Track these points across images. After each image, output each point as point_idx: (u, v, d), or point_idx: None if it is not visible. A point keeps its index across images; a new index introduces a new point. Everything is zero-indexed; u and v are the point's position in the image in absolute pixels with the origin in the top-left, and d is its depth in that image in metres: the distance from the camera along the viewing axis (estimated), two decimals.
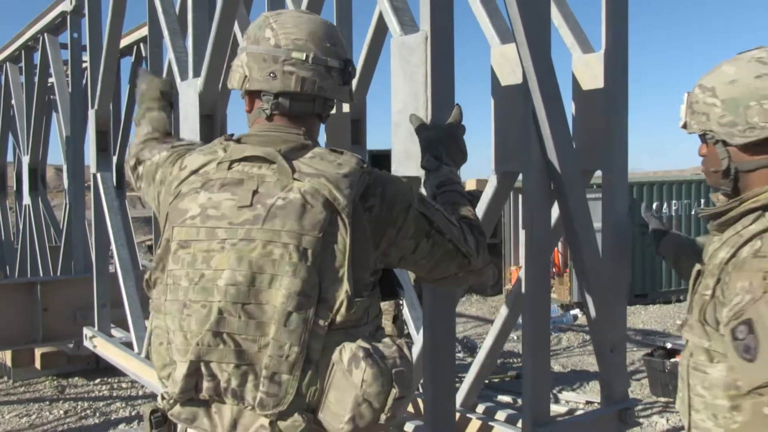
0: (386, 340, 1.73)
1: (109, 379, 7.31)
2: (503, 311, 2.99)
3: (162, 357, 1.77)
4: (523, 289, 2.61)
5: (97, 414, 6.46)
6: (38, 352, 7.39)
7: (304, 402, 1.67)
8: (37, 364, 7.46)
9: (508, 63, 2.60)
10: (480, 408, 3.17)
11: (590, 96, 2.77)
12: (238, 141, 1.84)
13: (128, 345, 4.96)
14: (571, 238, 2.63)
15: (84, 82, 6.65)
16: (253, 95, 1.87)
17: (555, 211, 2.73)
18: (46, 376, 7.48)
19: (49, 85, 7.76)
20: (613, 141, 2.74)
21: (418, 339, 2.93)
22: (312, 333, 1.64)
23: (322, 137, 3.06)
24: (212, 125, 3.52)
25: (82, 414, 6.46)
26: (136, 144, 2.21)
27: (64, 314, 6.49)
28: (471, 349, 8.51)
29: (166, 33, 3.97)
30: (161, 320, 1.76)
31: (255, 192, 1.70)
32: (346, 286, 1.68)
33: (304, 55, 1.78)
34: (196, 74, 3.58)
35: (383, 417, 1.67)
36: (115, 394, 6.97)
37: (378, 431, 1.71)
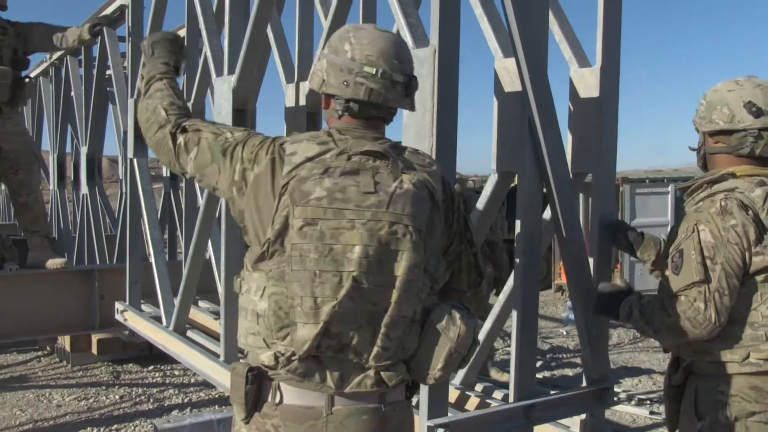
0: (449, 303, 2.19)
1: (162, 366, 7.62)
2: (501, 298, 3.41)
3: (280, 320, 2.06)
4: (512, 278, 3.03)
5: (151, 400, 6.71)
6: (95, 338, 7.67)
7: (404, 354, 2.09)
8: (94, 350, 7.75)
9: (509, 74, 3.01)
10: (478, 387, 3.58)
11: (584, 106, 3.17)
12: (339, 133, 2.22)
13: (157, 319, 5.47)
14: (559, 233, 3.02)
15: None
16: (328, 96, 2.24)
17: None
18: (102, 362, 7.80)
19: (106, 77, 7.98)
20: (603, 147, 3.13)
21: None
22: (418, 298, 2.09)
23: None
24: (244, 118, 4.00)
25: (137, 399, 6.73)
26: (167, 109, 2.42)
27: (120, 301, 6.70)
28: None
29: (204, 32, 4.47)
30: (281, 287, 2.06)
31: (375, 181, 2.08)
32: (442, 260, 2.21)
33: (374, 70, 2.13)
34: (231, 71, 4.08)
35: (464, 363, 2.16)
36: (167, 381, 7.26)
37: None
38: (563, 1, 3.44)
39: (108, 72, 7.71)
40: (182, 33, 5.73)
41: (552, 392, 3.24)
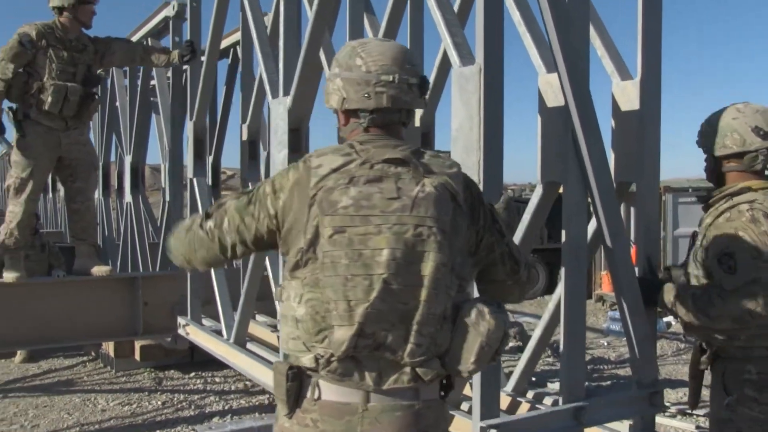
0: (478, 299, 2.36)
1: (203, 373, 7.80)
2: (550, 306, 3.57)
3: (318, 324, 2.20)
4: (562, 287, 3.20)
5: (192, 406, 6.87)
6: (138, 345, 7.90)
7: (438, 349, 2.22)
8: (137, 356, 7.97)
9: (552, 89, 3.19)
10: (529, 394, 3.74)
11: (626, 117, 3.34)
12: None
13: (217, 332, 5.71)
14: (604, 242, 3.20)
15: (183, 82, 7.37)
16: (348, 113, 2.36)
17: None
18: (145, 368, 8.02)
19: (150, 87, 8.26)
20: (646, 157, 3.30)
21: None
22: (447, 295, 2.24)
23: None
24: (299, 138, 4.24)
25: (179, 406, 6.89)
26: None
27: (162, 309, 6.84)
28: (525, 339, 8.86)
29: (259, 56, 4.73)
30: (317, 293, 2.20)
31: (398, 187, 2.21)
32: (469, 259, 2.35)
33: (391, 77, 2.27)
34: (286, 93, 4.30)
35: (496, 357, 2.28)
36: (209, 388, 7.42)
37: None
38: (606, 15, 3.61)
39: (152, 82, 7.99)
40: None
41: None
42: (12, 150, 6.24)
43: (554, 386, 6.99)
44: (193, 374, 7.88)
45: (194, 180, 6.06)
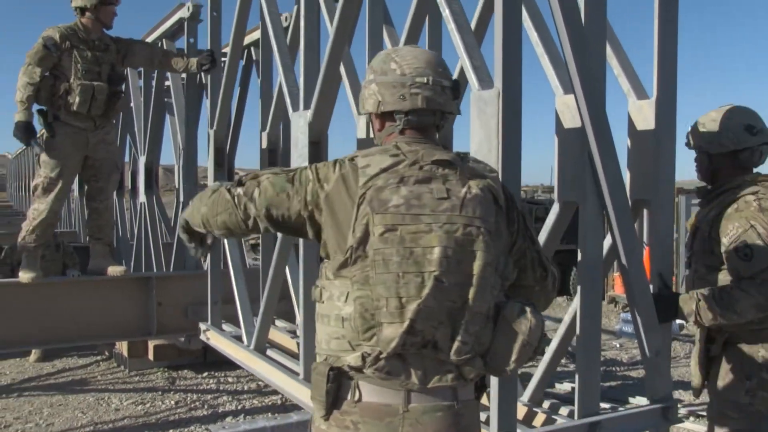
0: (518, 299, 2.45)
1: (216, 373, 7.93)
2: (566, 318, 3.68)
3: (366, 321, 2.24)
4: (578, 302, 3.31)
5: (206, 406, 7.00)
6: (151, 344, 8.05)
7: (480, 348, 2.29)
8: (150, 356, 8.13)
9: (569, 110, 3.29)
10: (545, 403, 3.85)
11: (642, 136, 3.44)
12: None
13: (237, 338, 5.84)
14: (619, 259, 3.30)
15: (197, 82, 7.51)
16: (383, 116, 2.46)
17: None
18: (158, 368, 8.16)
19: (165, 88, 8.36)
20: (661, 175, 3.40)
21: None
22: (492, 294, 2.30)
23: None
24: (319, 150, 4.35)
25: (192, 405, 7.02)
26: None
27: (176, 309, 6.94)
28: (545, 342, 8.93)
29: (280, 69, 4.85)
30: (366, 291, 2.24)
31: (446, 188, 2.30)
32: (510, 259, 2.43)
33: (425, 79, 2.38)
34: (306, 106, 4.41)
35: (535, 356, 2.38)
36: (221, 388, 7.55)
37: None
38: (622, 34, 3.70)
39: (166, 83, 8.09)
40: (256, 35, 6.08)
41: (614, 407, 3.48)
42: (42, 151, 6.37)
43: (562, 386, 7.14)
44: (206, 374, 8.01)
45: None
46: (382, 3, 4.15)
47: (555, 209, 3.41)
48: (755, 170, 3.52)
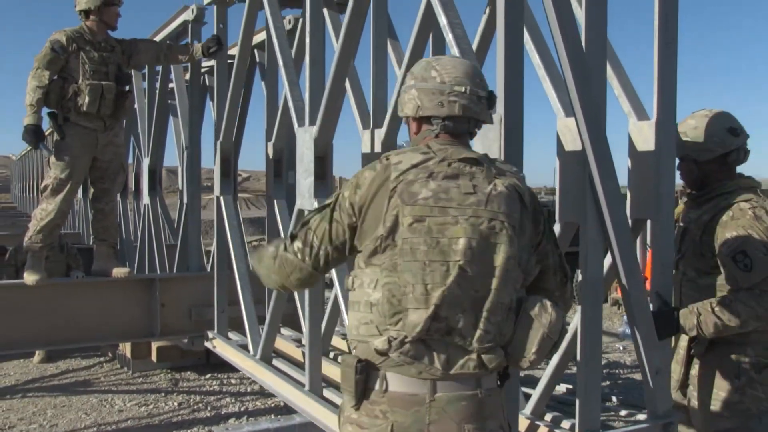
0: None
1: (219, 375, 8.00)
2: (568, 335, 3.78)
3: (393, 306, 2.39)
4: (579, 319, 3.41)
5: (209, 408, 7.07)
6: (154, 346, 8.12)
7: (502, 339, 2.45)
8: (153, 357, 8.20)
9: (570, 133, 3.39)
10: (548, 416, 3.96)
11: (642, 157, 3.54)
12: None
13: (243, 347, 5.97)
14: (619, 278, 3.40)
15: (201, 81, 7.56)
16: (421, 121, 2.63)
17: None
18: (161, 369, 8.23)
19: (168, 90, 8.44)
20: (661, 195, 3.49)
21: None
22: (514, 287, 2.45)
23: None
24: (324, 164, 4.47)
25: (195, 407, 7.10)
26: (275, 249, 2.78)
27: (179, 310, 7.06)
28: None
29: (286, 84, 4.96)
30: (394, 277, 2.40)
31: (473, 184, 2.45)
32: (533, 256, 2.57)
33: (463, 88, 2.54)
34: (312, 122, 4.52)
35: (554, 350, 2.53)
36: (224, 390, 7.62)
37: None
38: (623, 53, 3.80)
39: (170, 85, 8.18)
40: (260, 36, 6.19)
41: (617, 426, 3.57)
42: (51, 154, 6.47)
43: (558, 387, 7.20)
44: (209, 375, 8.09)
45: (221, 198, 6.31)
46: (386, 18, 4.25)
47: (556, 229, 3.51)
48: (738, 169, 3.65)
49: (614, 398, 7.09)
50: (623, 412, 6.51)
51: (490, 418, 2.47)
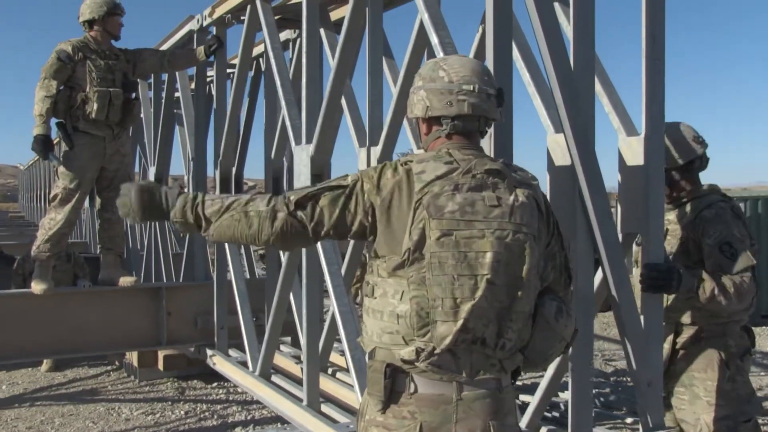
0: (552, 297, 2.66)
1: (226, 384, 8.05)
2: None
3: (422, 319, 2.45)
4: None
5: (215, 416, 7.20)
6: (161, 354, 8.26)
7: (521, 343, 2.55)
8: (160, 366, 8.34)
9: (560, 149, 3.49)
10: (543, 430, 4.05)
11: (632, 172, 3.62)
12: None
13: (243, 363, 6.11)
14: (609, 293, 3.50)
15: (207, 90, 7.69)
16: (431, 121, 2.68)
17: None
18: (168, 378, 8.38)
19: (174, 99, 8.45)
20: (650, 209, 3.58)
21: None
22: (534, 295, 2.55)
23: None
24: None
25: (201, 416, 7.23)
26: (252, 203, 2.70)
27: (186, 319, 7.09)
28: None
29: (283, 103, 5.07)
30: (422, 291, 2.45)
31: (497, 196, 2.51)
32: (549, 262, 2.67)
33: (472, 86, 2.58)
34: (308, 140, 4.63)
35: (566, 350, 2.70)
36: (231, 398, 7.75)
37: None
38: (613, 71, 3.89)
39: (176, 94, 8.24)
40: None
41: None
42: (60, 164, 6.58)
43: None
44: (215, 384, 8.19)
45: None
46: (382, 37, 4.34)
47: None
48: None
49: (624, 408, 7.16)
50: (629, 420, 6.57)
51: (509, 414, 2.60)
